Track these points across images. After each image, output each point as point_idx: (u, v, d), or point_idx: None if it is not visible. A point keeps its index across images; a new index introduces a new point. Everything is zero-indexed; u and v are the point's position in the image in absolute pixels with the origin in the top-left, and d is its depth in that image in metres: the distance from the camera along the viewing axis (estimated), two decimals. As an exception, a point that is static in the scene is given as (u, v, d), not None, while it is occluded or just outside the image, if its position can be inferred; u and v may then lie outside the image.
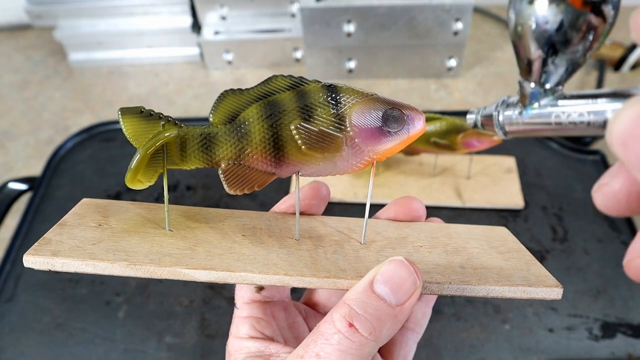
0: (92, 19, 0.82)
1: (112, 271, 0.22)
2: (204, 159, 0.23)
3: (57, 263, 0.22)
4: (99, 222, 0.25)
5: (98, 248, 0.23)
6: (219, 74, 0.82)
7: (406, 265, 0.22)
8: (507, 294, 0.23)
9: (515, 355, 0.45)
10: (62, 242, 0.23)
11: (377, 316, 0.21)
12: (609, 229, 0.53)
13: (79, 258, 0.22)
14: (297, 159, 0.23)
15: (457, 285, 0.23)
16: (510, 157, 0.60)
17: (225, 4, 0.80)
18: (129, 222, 0.25)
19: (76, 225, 0.24)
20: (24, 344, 0.47)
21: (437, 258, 0.25)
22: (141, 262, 0.22)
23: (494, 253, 0.26)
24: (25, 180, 0.62)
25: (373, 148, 0.23)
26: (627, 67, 0.79)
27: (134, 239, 0.24)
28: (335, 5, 0.70)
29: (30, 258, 0.22)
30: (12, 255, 0.54)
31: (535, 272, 0.25)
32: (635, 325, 0.46)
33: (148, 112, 0.23)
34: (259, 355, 0.25)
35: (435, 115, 0.52)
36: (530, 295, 0.23)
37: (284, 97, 0.23)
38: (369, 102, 0.23)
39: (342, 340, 0.20)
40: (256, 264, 0.23)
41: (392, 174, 0.59)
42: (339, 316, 0.21)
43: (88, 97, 0.80)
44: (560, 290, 0.24)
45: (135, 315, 0.49)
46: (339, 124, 0.23)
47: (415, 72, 0.79)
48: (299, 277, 0.22)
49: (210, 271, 0.22)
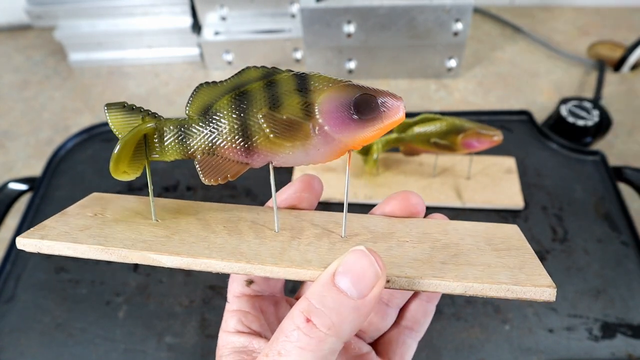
0: (92, 19, 0.82)
1: (89, 254, 0.23)
2: (180, 150, 0.24)
3: (44, 246, 0.23)
4: (95, 212, 0.26)
5: (83, 234, 0.24)
6: (219, 74, 0.82)
7: (366, 254, 0.21)
8: (488, 293, 0.22)
9: (515, 355, 0.45)
10: (54, 228, 0.24)
11: (336, 310, 0.20)
12: (609, 229, 0.54)
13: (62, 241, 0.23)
14: (267, 148, 0.23)
15: (429, 281, 0.22)
16: (510, 158, 0.60)
17: (225, 4, 0.80)
18: (122, 213, 0.26)
19: (75, 214, 0.26)
20: (24, 344, 0.47)
21: (419, 253, 0.24)
22: (115, 246, 0.23)
23: (489, 250, 0.25)
24: (25, 181, 0.62)
25: (345, 136, 0.22)
26: (627, 68, 0.79)
27: (120, 227, 0.25)
28: (335, 5, 0.70)
29: (22, 240, 0.23)
30: (12, 255, 0.54)
31: (528, 271, 0.23)
32: (635, 326, 0.46)
33: (130, 106, 0.24)
34: (243, 351, 0.25)
35: (435, 116, 0.52)
36: (517, 295, 0.22)
37: (254, 87, 0.23)
38: (340, 89, 0.22)
39: (301, 337, 0.20)
40: (221, 252, 0.23)
41: (392, 174, 0.59)
42: (297, 312, 0.20)
43: (88, 97, 0.80)
44: (553, 290, 0.22)
45: (135, 315, 0.49)
46: (306, 112, 0.22)
47: (415, 73, 0.79)
48: (260, 266, 0.22)
49: (175, 257, 0.23)
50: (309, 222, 0.27)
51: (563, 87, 0.78)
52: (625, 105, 0.74)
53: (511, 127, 0.65)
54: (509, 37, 0.88)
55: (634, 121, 0.71)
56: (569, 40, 0.87)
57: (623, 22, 0.90)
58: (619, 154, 0.66)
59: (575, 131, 0.63)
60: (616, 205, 0.56)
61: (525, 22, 0.90)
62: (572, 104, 0.65)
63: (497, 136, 0.51)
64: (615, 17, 0.91)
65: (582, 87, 0.77)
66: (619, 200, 0.56)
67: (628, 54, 0.78)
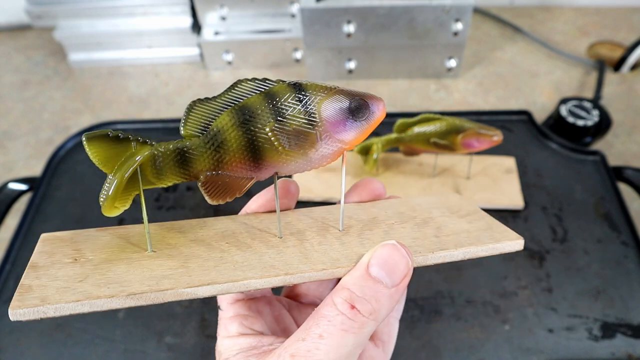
0: (92, 19, 0.82)
1: (112, 305, 0.21)
2: (180, 174, 0.23)
3: (49, 310, 0.20)
4: (73, 256, 0.23)
5: (87, 284, 0.21)
6: (219, 74, 0.82)
7: (398, 248, 0.23)
8: (480, 253, 0.26)
9: (515, 355, 0.45)
10: (44, 286, 0.21)
11: (375, 297, 0.22)
12: (608, 229, 0.54)
13: (73, 299, 0.20)
14: (275, 160, 0.24)
15: (438, 254, 0.25)
16: (510, 158, 0.60)
17: (225, 4, 0.80)
18: (106, 251, 0.24)
19: (50, 265, 0.22)
20: (24, 344, 0.47)
21: (411, 232, 0.27)
22: (140, 290, 0.21)
23: (457, 218, 0.28)
24: (25, 181, 0.62)
25: (343, 139, 0.24)
26: (627, 68, 0.79)
27: (120, 267, 0.22)
28: (335, 5, 0.70)
29: (18, 311, 0.19)
30: (12, 256, 0.54)
31: (497, 229, 0.27)
32: (635, 326, 0.46)
33: (116, 134, 0.22)
34: (252, 349, 0.25)
35: (435, 116, 0.52)
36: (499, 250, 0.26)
37: (253, 100, 0.23)
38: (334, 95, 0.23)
39: (345, 321, 0.22)
40: (254, 270, 0.23)
41: (392, 174, 0.59)
42: (340, 300, 0.22)
43: (88, 97, 0.80)
44: (521, 241, 0.26)
45: (135, 315, 0.49)
46: (311, 120, 0.23)
47: (415, 73, 0.79)
48: (299, 275, 0.23)
49: (213, 285, 0.22)
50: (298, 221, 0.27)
51: (563, 87, 0.78)
52: (625, 105, 0.74)
53: (511, 127, 0.65)
54: (509, 37, 0.88)
55: (633, 121, 0.71)
56: (568, 40, 0.87)
57: (623, 22, 0.90)
58: (619, 154, 0.66)
59: (575, 131, 0.63)
60: (616, 205, 0.56)
61: (525, 22, 0.90)
62: (572, 104, 0.65)
63: (497, 136, 0.51)
64: (615, 17, 0.91)
65: (582, 87, 0.77)
66: (619, 200, 0.56)
67: (628, 54, 0.78)
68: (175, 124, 0.68)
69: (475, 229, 0.27)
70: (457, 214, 0.29)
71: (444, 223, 0.28)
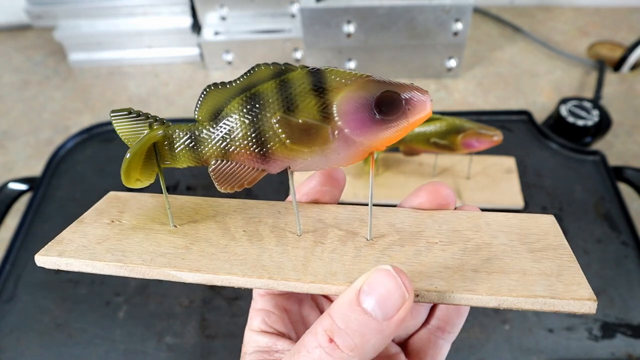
0: (92, 19, 0.82)
1: (108, 271, 0.23)
2: (192, 157, 0.23)
3: (62, 263, 0.23)
4: (112, 218, 0.26)
5: (101, 247, 0.23)
6: (219, 74, 0.82)
7: (393, 276, 0.19)
8: (524, 306, 0.20)
9: (515, 355, 0.45)
10: (71, 242, 0.24)
11: (360, 331, 0.19)
12: (608, 229, 0.54)
13: (81, 258, 0.23)
14: (284, 154, 0.21)
15: (460, 295, 0.21)
16: (510, 158, 0.60)
17: (225, 4, 0.80)
18: (140, 218, 0.26)
19: (92, 222, 0.25)
20: (24, 344, 0.47)
21: (449, 258, 0.23)
22: (133, 262, 0.23)
23: (524, 252, 0.23)
24: (25, 181, 0.62)
25: (366, 138, 0.20)
26: (627, 68, 0.79)
27: (138, 236, 0.24)
28: (335, 5, 0.70)
29: (40, 258, 0.23)
30: (12, 256, 0.54)
31: (567, 279, 0.21)
32: (635, 326, 0.46)
33: (136, 112, 0.23)
34: (266, 351, 0.25)
35: (435, 116, 0.52)
36: (554, 308, 0.20)
37: (265, 87, 0.21)
38: (359, 86, 0.20)
39: (323, 356, 0.19)
40: (243, 266, 0.22)
41: (392, 174, 0.59)
42: (321, 329, 0.20)
43: (88, 97, 0.80)
44: (594, 304, 0.20)
45: (135, 315, 0.49)
46: (324, 114, 0.20)
47: (415, 73, 0.79)
48: (284, 282, 0.21)
49: (196, 273, 0.22)
50: (332, 220, 0.25)
51: (563, 87, 0.78)
52: (625, 105, 0.74)
53: (511, 127, 0.65)
54: (509, 37, 0.88)
55: (633, 121, 0.71)
56: (568, 40, 0.87)
57: (623, 22, 0.90)
58: (619, 154, 0.66)
59: (575, 131, 0.63)
60: (616, 205, 0.56)
61: (525, 22, 0.90)
62: (572, 104, 0.65)
63: (497, 136, 0.51)
64: (615, 17, 0.91)
65: (582, 87, 0.77)
66: (619, 200, 0.56)
67: (628, 54, 0.78)
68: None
69: (537, 271, 0.22)
70: (530, 245, 0.23)
71: (500, 255, 0.23)
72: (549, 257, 0.23)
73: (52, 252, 0.23)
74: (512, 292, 0.21)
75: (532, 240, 0.24)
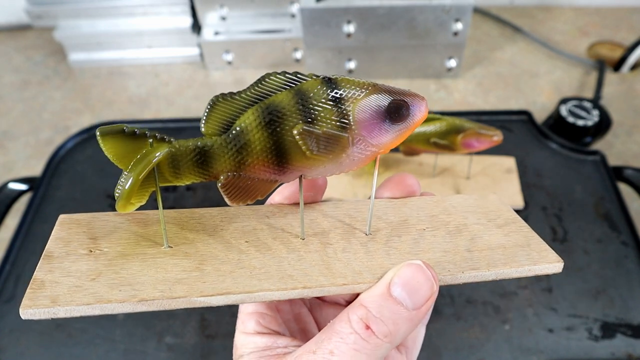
0: (92, 19, 0.82)
1: (123, 310, 0.21)
2: (199, 174, 0.22)
3: (60, 311, 0.20)
4: (88, 247, 0.23)
5: (99, 284, 0.21)
6: (219, 74, 0.82)
7: (423, 269, 0.22)
8: (514, 275, 0.24)
9: (515, 355, 0.45)
10: (57, 283, 0.20)
11: (393, 320, 0.21)
12: (608, 229, 0.53)
13: (83, 302, 0.20)
14: (302, 164, 0.22)
15: (469, 273, 0.23)
16: (510, 158, 0.60)
17: (225, 4, 0.80)
18: (122, 243, 0.23)
19: (64, 255, 0.22)
20: (24, 344, 0.47)
21: (443, 242, 0.25)
22: (152, 296, 0.20)
23: (494, 228, 0.26)
24: (25, 181, 0.62)
25: (378, 143, 0.22)
26: (627, 68, 0.79)
27: (134, 264, 0.22)
28: (335, 5, 0.70)
29: (28, 310, 0.19)
30: (12, 256, 0.54)
31: (536, 247, 0.25)
32: (635, 326, 0.46)
33: (131, 130, 0.21)
34: (267, 349, 0.25)
35: (435, 116, 0.52)
36: (535, 272, 0.24)
37: (281, 98, 0.21)
38: (372, 95, 0.22)
39: (358, 341, 0.21)
40: (271, 280, 0.22)
41: (392, 174, 0.59)
42: (356, 318, 0.21)
43: (88, 97, 0.80)
44: (561, 264, 0.24)
45: (135, 315, 0.49)
46: (343, 123, 0.21)
47: (415, 73, 0.79)
48: (319, 289, 0.22)
49: (227, 295, 0.21)
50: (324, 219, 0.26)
51: (563, 87, 0.78)
52: (625, 105, 0.74)
53: (511, 127, 0.65)
54: (509, 37, 0.88)
55: (633, 121, 0.71)
56: (568, 40, 0.87)
57: (623, 22, 0.90)
58: (619, 154, 0.66)
59: (575, 131, 0.63)
60: (616, 205, 0.56)
61: (525, 22, 0.90)
62: (572, 103, 0.65)
63: (497, 136, 0.51)
64: (615, 17, 0.91)
65: (582, 87, 0.77)
66: (619, 200, 0.56)
67: (628, 54, 0.78)
68: (175, 124, 0.68)
69: (512, 244, 0.25)
70: (495, 222, 0.27)
71: (479, 233, 0.26)
72: (514, 231, 0.26)
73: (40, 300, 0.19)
74: (505, 264, 0.24)
75: (494, 217, 0.27)
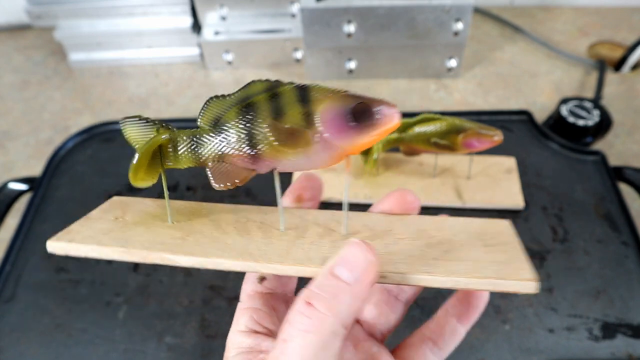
0: (92, 19, 0.82)
1: (112, 255, 0.25)
2: (193, 159, 0.26)
3: (71, 248, 0.26)
4: (116, 216, 0.29)
5: (106, 237, 0.26)
6: (219, 74, 0.82)
7: (358, 243, 0.23)
8: (475, 286, 0.23)
9: (515, 355, 0.45)
10: (80, 232, 0.27)
11: (333, 293, 0.22)
12: (609, 229, 0.53)
13: (88, 244, 0.26)
14: (272, 155, 0.25)
15: (420, 276, 0.24)
16: (510, 158, 0.60)
17: (225, 4, 0.80)
18: (141, 216, 0.29)
19: (97, 219, 0.28)
20: (24, 344, 0.47)
21: (414, 250, 0.26)
22: (135, 247, 0.25)
23: (479, 246, 0.26)
24: (25, 181, 0.62)
25: (343, 142, 0.24)
26: (628, 68, 0.79)
27: (139, 230, 0.27)
28: (336, 5, 0.70)
29: (52, 243, 0.26)
30: (12, 256, 0.54)
31: (514, 265, 0.24)
32: (635, 326, 0.46)
33: (145, 119, 0.26)
34: (250, 351, 0.25)
35: (435, 116, 0.52)
36: (501, 288, 0.23)
37: (259, 99, 0.25)
38: (338, 99, 0.24)
39: (302, 320, 0.21)
40: (232, 253, 0.25)
41: (392, 174, 0.59)
42: (300, 300, 0.22)
43: (88, 97, 0.80)
44: (534, 284, 0.23)
45: (135, 315, 0.49)
46: (307, 121, 0.24)
47: (415, 73, 0.79)
48: (266, 264, 0.24)
49: (190, 257, 0.25)
50: (312, 221, 0.29)
51: (563, 87, 0.78)
52: (625, 105, 0.74)
53: (511, 127, 0.65)
54: (509, 37, 0.88)
55: (634, 121, 0.71)
56: (568, 40, 0.87)
57: (623, 22, 0.90)
58: (619, 154, 0.66)
59: (576, 131, 0.63)
60: (616, 205, 0.56)
61: (525, 22, 0.90)
62: (573, 103, 0.65)
63: (497, 136, 0.51)
64: (615, 17, 0.91)
65: (583, 87, 0.77)
66: (619, 200, 0.56)
67: (628, 54, 0.78)
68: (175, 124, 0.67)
69: (489, 260, 0.25)
70: (485, 242, 0.27)
71: (458, 247, 0.26)
72: (501, 250, 0.26)
73: (62, 239, 0.26)
74: (466, 274, 0.23)
75: (487, 238, 0.27)
